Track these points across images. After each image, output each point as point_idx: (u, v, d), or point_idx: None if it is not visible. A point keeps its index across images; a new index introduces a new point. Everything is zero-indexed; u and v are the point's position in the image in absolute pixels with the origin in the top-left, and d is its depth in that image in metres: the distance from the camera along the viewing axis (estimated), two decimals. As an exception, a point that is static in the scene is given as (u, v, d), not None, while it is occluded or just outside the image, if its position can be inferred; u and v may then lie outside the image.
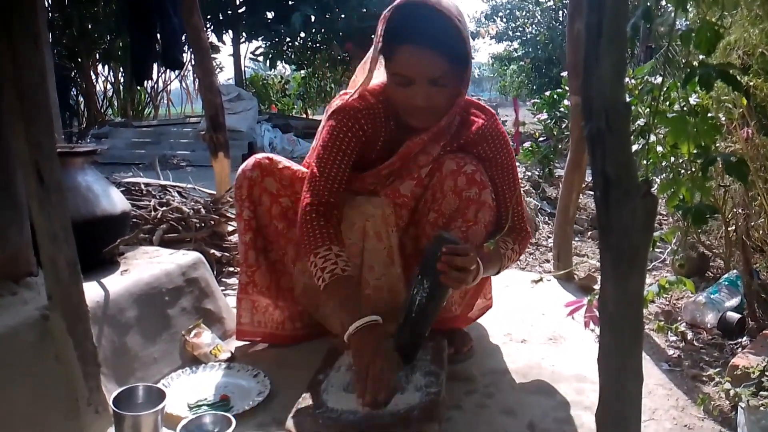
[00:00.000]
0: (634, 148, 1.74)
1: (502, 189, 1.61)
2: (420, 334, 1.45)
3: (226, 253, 2.42)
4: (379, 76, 1.57)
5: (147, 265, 1.72)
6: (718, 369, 1.58)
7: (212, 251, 2.33)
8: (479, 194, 1.53)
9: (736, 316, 1.83)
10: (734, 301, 1.92)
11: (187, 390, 1.49)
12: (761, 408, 1.24)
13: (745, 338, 1.79)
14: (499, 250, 1.55)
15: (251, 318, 1.74)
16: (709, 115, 1.32)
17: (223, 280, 2.32)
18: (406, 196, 1.60)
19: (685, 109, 1.22)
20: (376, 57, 1.48)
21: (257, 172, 1.62)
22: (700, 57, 1.15)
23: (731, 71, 1.00)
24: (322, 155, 1.54)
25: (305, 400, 1.35)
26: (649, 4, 0.95)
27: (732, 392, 1.33)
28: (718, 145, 1.73)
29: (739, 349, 1.69)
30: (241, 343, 1.79)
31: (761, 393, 1.28)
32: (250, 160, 1.65)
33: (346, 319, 1.41)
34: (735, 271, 2.05)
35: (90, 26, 8.93)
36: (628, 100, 1.83)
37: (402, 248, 1.64)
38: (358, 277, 1.60)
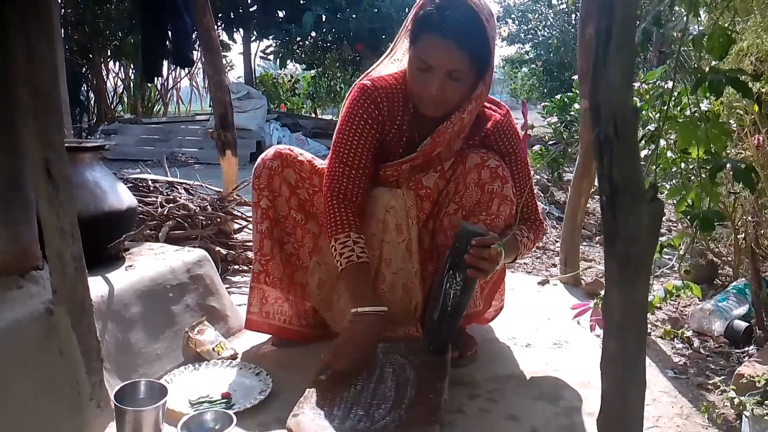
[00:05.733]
0: (644, 153, 1.73)
1: (519, 182, 1.65)
2: (456, 328, 1.54)
3: (231, 251, 2.43)
4: (403, 64, 1.63)
5: (152, 261, 1.73)
6: (723, 377, 1.57)
7: (218, 249, 2.33)
8: (502, 188, 1.56)
9: (743, 324, 1.82)
10: (742, 310, 1.91)
11: (190, 387, 1.49)
12: (766, 417, 1.23)
13: (752, 347, 1.77)
14: (516, 238, 1.58)
15: (260, 308, 1.73)
16: (720, 120, 1.31)
17: (228, 277, 2.32)
18: (429, 187, 1.62)
19: (695, 114, 1.21)
20: (402, 38, 1.59)
21: (278, 162, 1.64)
22: (712, 62, 1.14)
23: (742, 77, 0.99)
24: (339, 141, 1.59)
25: (306, 399, 1.35)
26: (659, 8, 0.94)
27: (737, 401, 1.32)
28: (729, 151, 1.72)
29: (746, 358, 1.68)
30: (244, 342, 1.79)
31: (766, 402, 1.27)
32: (271, 150, 1.67)
33: (353, 301, 1.51)
34: (743, 279, 2.03)
35: (102, 23, 8.97)
36: (638, 104, 1.82)
37: (421, 243, 1.66)
38: (375, 270, 1.62)
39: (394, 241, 1.61)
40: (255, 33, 10.88)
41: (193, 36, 4.51)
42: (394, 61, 1.66)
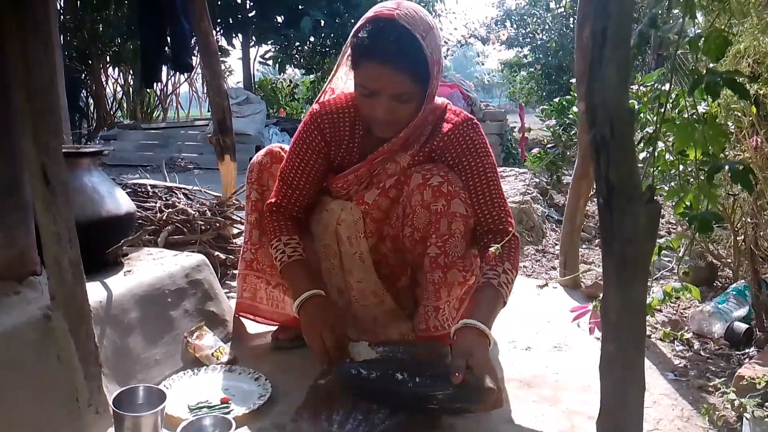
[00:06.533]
0: (643, 155, 1.73)
1: (476, 193, 1.54)
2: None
3: (230, 256, 2.42)
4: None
5: (150, 266, 1.72)
6: (724, 379, 1.56)
7: (217, 253, 2.33)
8: (447, 205, 1.49)
9: (743, 326, 1.81)
10: (742, 312, 1.90)
11: (188, 392, 1.49)
12: (766, 419, 1.22)
13: (752, 349, 1.77)
14: (499, 297, 1.44)
15: (254, 293, 1.79)
16: (718, 122, 1.31)
17: (227, 282, 2.32)
18: (368, 203, 1.58)
19: (693, 116, 1.21)
20: (343, 64, 1.62)
21: (268, 158, 1.73)
22: (709, 64, 1.14)
23: (739, 79, 0.99)
24: (285, 162, 1.65)
25: (305, 404, 1.34)
26: (656, 11, 0.95)
27: (737, 403, 1.31)
28: (727, 153, 1.72)
29: (746, 360, 1.67)
30: (243, 347, 1.79)
31: (767, 404, 1.26)
32: (264, 149, 1.77)
33: (293, 296, 1.55)
34: (743, 281, 2.03)
35: (101, 29, 8.99)
36: (637, 107, 1.81)
37: (385, 259, 1.66)
38: (341, 276, 1.65)
39: (348, 253, 1.62)
40: (254, 38, 10.92)
41: (192, 41, 4.52)
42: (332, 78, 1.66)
